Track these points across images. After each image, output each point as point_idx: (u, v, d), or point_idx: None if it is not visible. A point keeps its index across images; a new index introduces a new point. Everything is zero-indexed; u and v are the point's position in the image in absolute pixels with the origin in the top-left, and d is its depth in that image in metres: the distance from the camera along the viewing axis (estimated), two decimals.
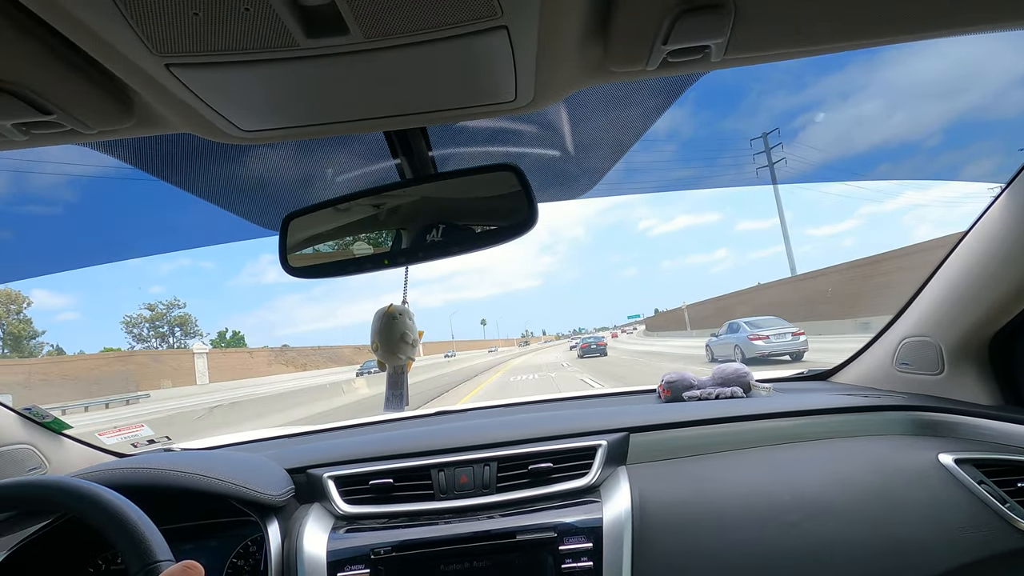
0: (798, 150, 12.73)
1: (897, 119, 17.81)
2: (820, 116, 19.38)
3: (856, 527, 1.02)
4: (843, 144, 14.86)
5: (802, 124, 19.60)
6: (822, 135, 12.64)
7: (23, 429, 1.35)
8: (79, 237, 1.48)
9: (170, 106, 0.60)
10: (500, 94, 0.65)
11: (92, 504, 0.69)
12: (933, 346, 1.30)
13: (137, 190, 1.20)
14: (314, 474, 1.21)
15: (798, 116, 17.03)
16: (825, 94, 30.89)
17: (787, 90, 16.74)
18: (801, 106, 24.16)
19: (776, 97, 18.56)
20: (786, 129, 18.60)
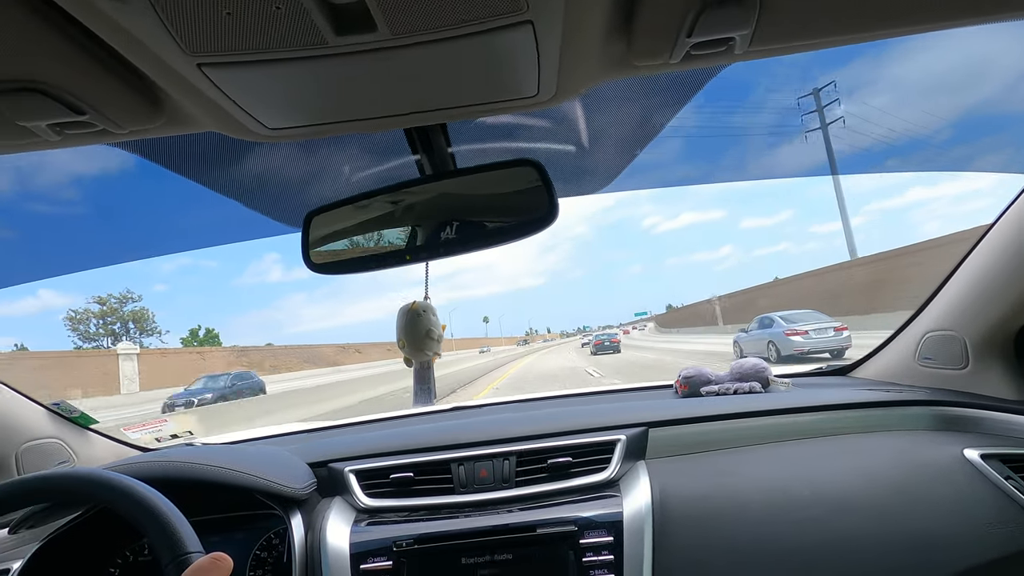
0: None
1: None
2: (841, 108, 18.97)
3: (879, 522, 1.01)
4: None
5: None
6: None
7: (52, 424, 1.38)
8: (101, 236, 1.51)
9: (199, 105, 0.61)
10: (522, 89, 0.65)
11: (125, 496, 0.71)
12: (957, 340, 1.28)
13: (157, 188, 1.22)
14: (335, 468, 1.23)
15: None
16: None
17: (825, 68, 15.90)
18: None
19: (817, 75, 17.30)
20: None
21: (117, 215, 1.36)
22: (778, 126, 1.42)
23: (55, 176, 1.29)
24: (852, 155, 2.24)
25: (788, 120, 1.64)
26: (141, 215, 1.35)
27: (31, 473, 0.80)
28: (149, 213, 1.30)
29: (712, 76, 0.90)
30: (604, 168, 1.22)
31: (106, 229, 1.40)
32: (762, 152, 1.57)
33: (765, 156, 1.60)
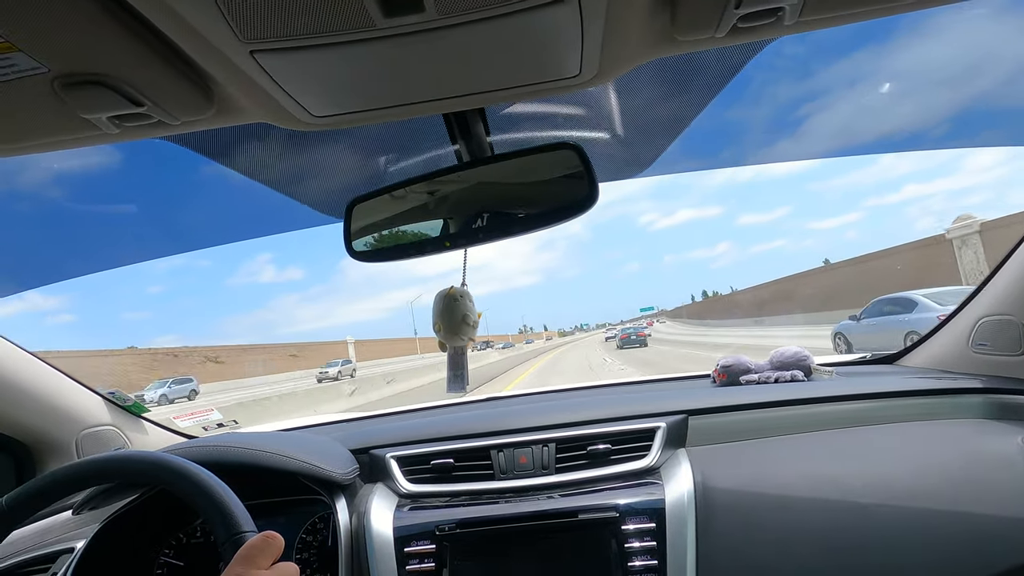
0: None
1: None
2: (886, 86, 18.17)
3: (932, 514, 0.97)
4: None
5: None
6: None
7: (108, 412, 1.45)
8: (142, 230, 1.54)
9: (249, 94, 0.63)
10: (564, 69, 0.65)
11: (183, 477, 0.73)
12: (1015, 325, 1.23)
13: (202, 179, 1.26)
14: (377, 454, 1.25)
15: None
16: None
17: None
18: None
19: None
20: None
21: (165, 208, 1.40)
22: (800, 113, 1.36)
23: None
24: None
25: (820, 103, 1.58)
26: (181, 209, 1.40)
27: (96, 455, 0.84)
28: (201, 202, 1.34)
29: (754, 55, 0.87)
30: (647, 150, 1.20)
31: (146, 223, 1.45)
32: (808, 131, 1.51)
33: (810, 135, 1.54)
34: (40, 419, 1.31)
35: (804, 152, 1.55)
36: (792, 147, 1.49)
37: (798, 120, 1.47)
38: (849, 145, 1.57)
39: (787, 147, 1.49)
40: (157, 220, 1.46)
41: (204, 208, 1.34)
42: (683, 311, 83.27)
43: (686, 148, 1.18)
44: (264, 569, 0.61)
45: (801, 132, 1.48)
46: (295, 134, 0.92)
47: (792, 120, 1.46)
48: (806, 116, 1.43)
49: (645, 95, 1.02)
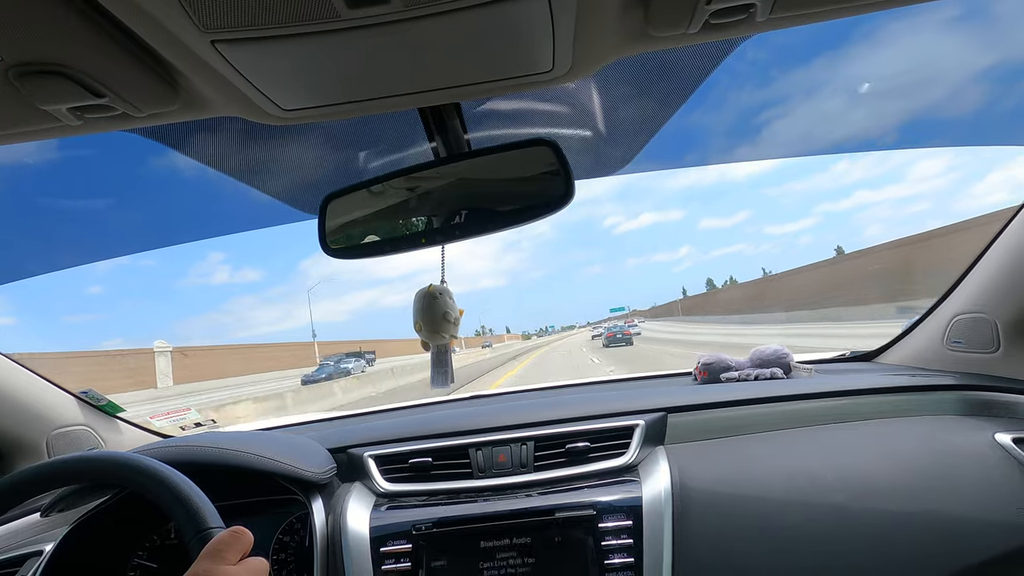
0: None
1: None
2: (865, 86, 18.29)
3: (906, 508, 0.99)
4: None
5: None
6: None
7: (81, 411, 1.42)
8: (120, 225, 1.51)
9: (214, 86, 0.61)
10: (537, 64, 0.64)
11: (147, 475, 0.72)
12: (988, 322, 1.25)
13: (177, 176, 1.23)
14: (355, 453, 1.24)
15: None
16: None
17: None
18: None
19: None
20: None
21: (133, 203, 1.36)
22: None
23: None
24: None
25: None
26: (152, 204, 1.37)
27: (58, 456, 0.83)
28: (159, 203, 1.31)
29: (729, 52, 0.88)
30: (620, 150, 1.20)
31: (120, 217, 1.41)
32: (782, 128, 1.53)
33: (784, 132, 1.56)
34: (8, 419, 1.28)
35: (777, 151, 1.57)
36: (765, 146, 1.51)
37: (767, 120, 1.49)
38: (813, 147, 1.60)
39: (762, 145, 1.50)
40: (123, 216, 1.43)
41: (175, 205, 1.31)
42: (660, 310, 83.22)
43: (661, 147, 1.18)
44: (232, 565, 0.60)
45: (772, 131, 1.51)
46: (267, 128, 0.90)
47: (759, 122, 1.48)
48: (777, 116, 1.46)
49: (620, 93, 1.02)
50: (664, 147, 1.18)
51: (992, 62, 1.47)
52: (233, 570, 0.59)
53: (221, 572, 0.58)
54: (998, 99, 1.54)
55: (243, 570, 0.60)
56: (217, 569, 0.58)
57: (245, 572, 0.59)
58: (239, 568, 0.60)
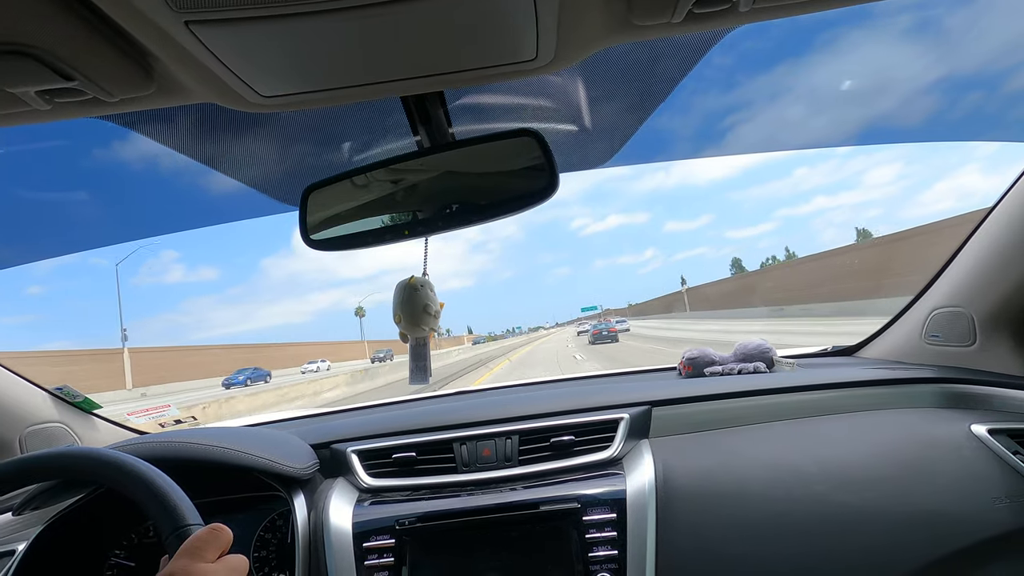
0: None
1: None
2: (847, 83, 18.34)
3: (885, 498, 1.00)
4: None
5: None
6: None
7: (55, 409, 1.38)
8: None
9: (189, 70, 0.60)
10: (520, 52, 0.64)
11: (121, 471, 0.70)
12: (965, 316, 1.27)
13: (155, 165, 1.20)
14: (338, 449, 1.23)
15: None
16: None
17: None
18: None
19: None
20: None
21: (107, 195, 1.32)
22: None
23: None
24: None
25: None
26: (143, 191, 1.33)
27: (27, 453, 0.80)
28: (150, 188, 1.27)
29: (714, 43, 0.88)
30: (605, 142, 1.21)
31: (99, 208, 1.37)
32: (766, 124, 1.56)
33: (768, 128, 1.59)
34: None
35: (764, 146, 1.59)
36: (747, 141, 1.52)
37: (750, 116, 1.52)
38: (809, 140, 1.63)
39: (744, 140, 1.52)
40: (100, 207, 1.39)
41: (151, 195, 1.28)
42: (654, 305, 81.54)
43: (645, 140, 1.19)
44: (211, 562, 0.58)
45: (756, 126, 1.53)
46: (247, 116, 0.88)
47: (741, 117, 1.50)
48: (760, 112, 1.48)
49: (604, 87, 1.02)
50: (647, 141, 1.19)
51: (943, 72, 1.55)
52: (211, 568, 0.57)
53: (199, 570, 0.56)
54: (951, 104, 1.62)
55: (222, 568, 0.58)
56: (195, 567, 0.56)
57: (224, 570, 0.58)
58: (218, 566, 0.58)
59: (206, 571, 0.56)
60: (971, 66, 1.55)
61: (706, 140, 1.53)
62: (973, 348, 1.26)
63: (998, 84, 1.50)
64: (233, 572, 0.58)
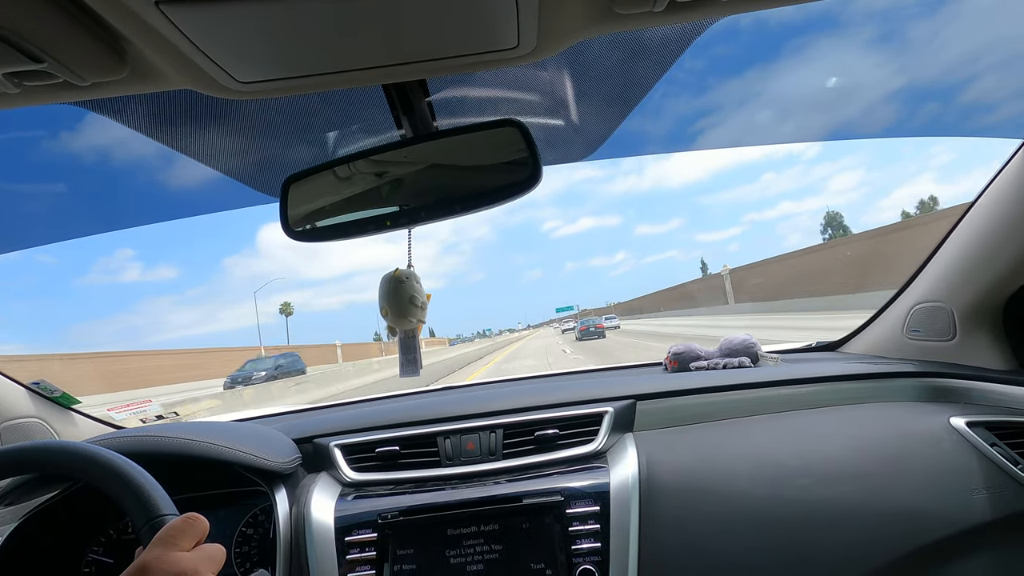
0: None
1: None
2: (832, 80, 18.40)
3: (867, 491, 1.01)
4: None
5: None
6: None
7: (32, 403, 1.36)
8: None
9: (163, 54, 0.58)
10: (502, 40, 0.63)
11: (93, 463, 0.68)
12: (945, 311, 1.28)
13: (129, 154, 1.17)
14: (320, 443, 1.22)
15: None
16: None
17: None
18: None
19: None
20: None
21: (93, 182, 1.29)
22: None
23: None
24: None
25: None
26: (120, 182, 1.29)
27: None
28: (126, 180, 1.24)
29: (696, 36, 0.88)
30: (590, 135, 1.20)
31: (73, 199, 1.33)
32: (744, 120, 1.58)
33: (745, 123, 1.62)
34: None
35: (749, 139, 1.60)
36: (737, 132, 1.54)
37: (737, 107, 1.54)
38: (797, 134, 1.66)
39: (734, 132, 1.53)
40: (80, 198, 1.35)
41: (127, 185, 1.25)
42: (652, 300, 77.42)
43: (628, 133, 1.20)
44: (186, 551, 0.56)
45: (745, 117, 1.55)
46: (226, 104, 0.87)
47: (730, 108, 1.53)
48: (744, 104, 1.51)
49: (587, 80, 1.02)
50: (628, 136, 1.19)
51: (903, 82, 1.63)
52: (186, 556, 0.55)
53: (173, 559, 0.54)
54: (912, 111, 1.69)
55: (198, 556, 0.56)
56: (169, 555, 0.55)
57: (200, 558, 0.56)
58: (193, 554, 0.56)
59: (180, 559, 0.55)
60: (931, 75, 1.62)
61: (683, 137, 1.55)
62: (953, 343, 1.28)
63: (955, 90, 1.57)
64: (209, 561, 0.57)
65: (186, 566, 0.54)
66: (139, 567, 0.53)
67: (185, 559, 0.55)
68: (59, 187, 1.33)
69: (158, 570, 0.53)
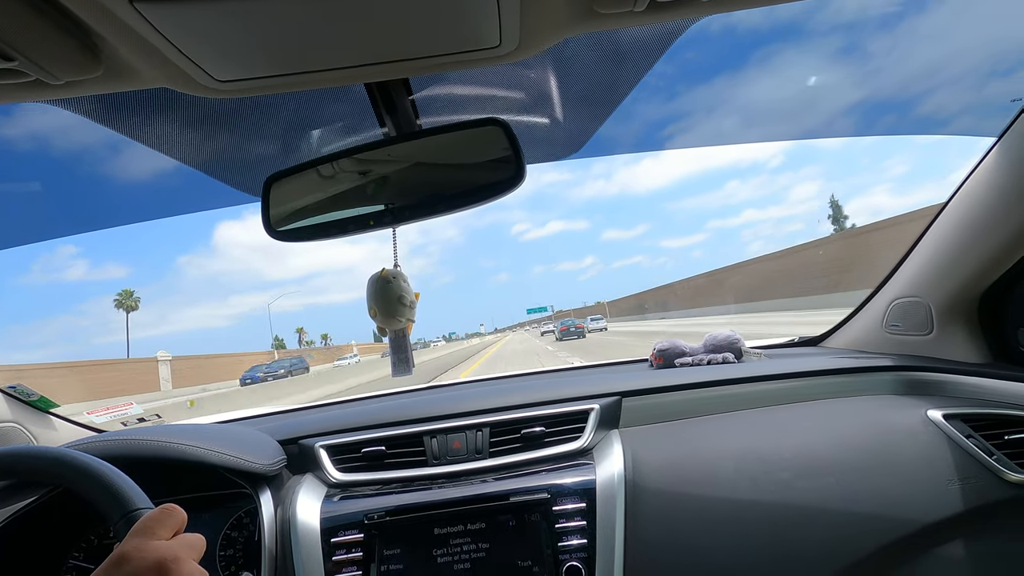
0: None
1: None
2: (812, 79, 18.66)
3: (847, 483, 1.03)
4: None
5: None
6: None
7: (8, 408, 1.33)
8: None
9: (139, 52, 0.57)
10: (484, 39, 0.63)
11: (62, 465, 0.67)
12: (923, 306, 1.31)
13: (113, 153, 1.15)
14: (306, 444, 1.21)
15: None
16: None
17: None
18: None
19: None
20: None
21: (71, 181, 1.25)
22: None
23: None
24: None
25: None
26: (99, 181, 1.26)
27: None
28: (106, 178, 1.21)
29: (677, 36, 0.88)
30: (573, 134, 1.21)
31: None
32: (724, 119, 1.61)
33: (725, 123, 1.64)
34: None
35: (734, 137, 1.62)
36: (712, 132, 1.56)
37: (715, 107, 1.56)
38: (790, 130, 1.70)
39: (709, 131, 1.56)
40: (55, 198, 1.32)
41: (104, 185, 1.23)
42: (656, 296, 73.57)
43: (611, 133, 1.20)
44: (165, 540, 0.55)
45: (722, 116, 1.58)
46: (207, 103, 0.86)
47: (704, 109, 1.55)
48: (725, 103, 1.53)
49: (570, 79, 1.02)
50: (614, 133, 1.20)
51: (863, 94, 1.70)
52: (165, 544, 0.54)
53: (151, 546, 0.53)
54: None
55: (177, 543, 0.55)
56: (147, 544, 0.53)
57: (179, 545, 0.54)
58: (173, 542, 0.55)
59: (159, 547, 0.53)
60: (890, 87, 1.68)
61: (656, 139, 1.58)
62: (930, 337, 1.30)
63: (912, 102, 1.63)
64: (190, 549, 0.55)
65: (165, 553, 0.52)
66: (116, 558, 0.52)
67: (164, 546, 0.53)
68: (33, 186, 1.30)
69: (137, 559, 0.51)
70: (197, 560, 0.55)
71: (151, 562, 0.51)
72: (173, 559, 0.52)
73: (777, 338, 1.88)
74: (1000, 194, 1.08)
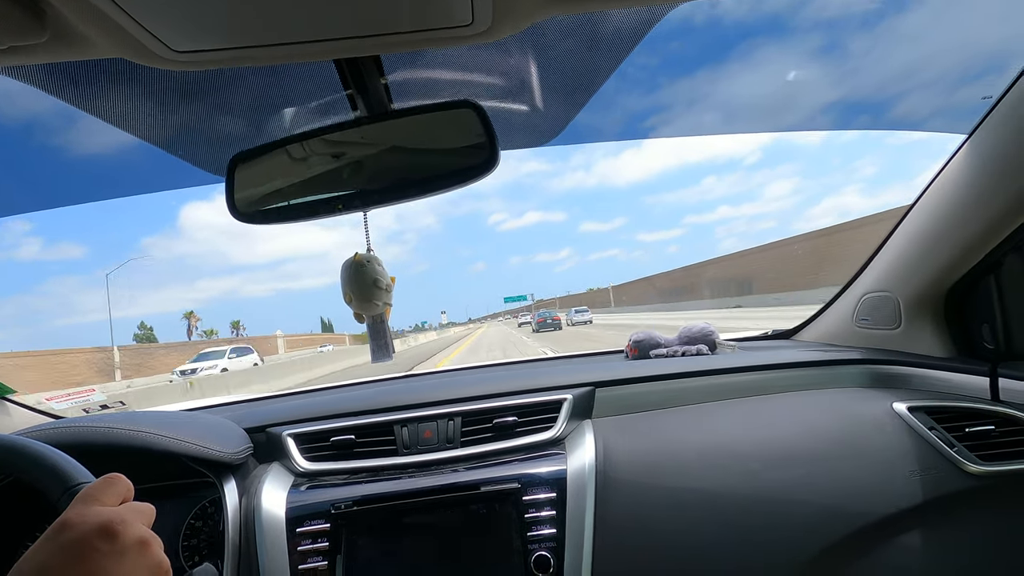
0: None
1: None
2: (792, 74, 18.74)
3: (816, 474, 1.04)
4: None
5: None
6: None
7: None
8: None
9: (88, 17, 0.54)
10: (455, 15, 0.60)
11: None
12: (891, 300, 1.33)
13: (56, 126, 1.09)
14: (273, 433, 1.18)
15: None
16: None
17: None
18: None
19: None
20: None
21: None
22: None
23: None
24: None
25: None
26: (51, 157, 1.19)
27: None
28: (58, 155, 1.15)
29: (658, 19, 0.87)
30: (551, 120, 1.19)
31: None
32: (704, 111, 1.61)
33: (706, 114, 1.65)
34: None
35: (717, 127, 1.63)
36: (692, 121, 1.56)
37: (701, 96, 1.56)
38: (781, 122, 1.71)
39: (689, 120, 1.56)
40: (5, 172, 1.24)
41: (56, 161, 1.16)
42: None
43: (589, 119, 1.19)
44: (111, 506, 0.51)
45: (704, 107, 1.58)
46: (166, 75, 0.82)
47: (690, 99, 1.55)
48: (705, 94, 1.53)
49: (547, 63, 1.00)
50: (592, 120, 1.19)
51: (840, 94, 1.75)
52: (110, 508, 0.50)
53: (94, 511, 0.48)
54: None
55: (126, 510, 0.50)
56: (90, 509, 0.49)
57: (129, 511, 0.50)
58: (121, 508, 0.51)
59: (102, 511, 0.48)
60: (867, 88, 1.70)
61: (638, 129, 1.57)
62: (898, 331, 1.33)
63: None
64: (138, 513, 0.51)
65: (111, 515, 0.48)
66: (57, 526, 0.47)
67: (108, 510, 0.49)
68: None
69: (79, 523, 0.47)
70: (148, 526, 0.51)
71: (94, 525, 0.46)
72: (120, 521, 0.48)
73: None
74: (968, 191, 1.09)
